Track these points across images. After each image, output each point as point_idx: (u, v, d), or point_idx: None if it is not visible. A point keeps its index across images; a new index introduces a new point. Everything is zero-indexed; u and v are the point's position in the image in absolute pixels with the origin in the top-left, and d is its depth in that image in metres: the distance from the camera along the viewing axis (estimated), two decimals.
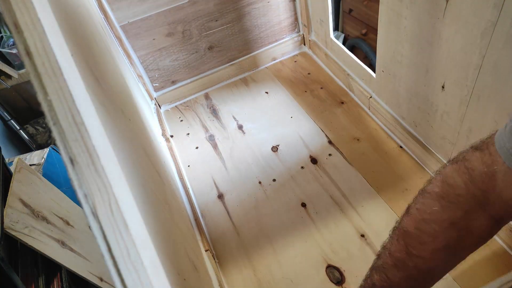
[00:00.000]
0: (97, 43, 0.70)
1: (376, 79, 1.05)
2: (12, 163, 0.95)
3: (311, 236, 0.90)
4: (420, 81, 0.84)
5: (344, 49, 1.19)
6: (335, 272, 0.83)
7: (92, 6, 0.93)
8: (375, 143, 1.06)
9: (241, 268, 0.88)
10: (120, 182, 0.29)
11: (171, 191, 0.83)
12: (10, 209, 0.82)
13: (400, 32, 0.83)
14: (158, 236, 0.40)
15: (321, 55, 1.34)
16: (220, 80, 1.38)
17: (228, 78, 1.39)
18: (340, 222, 0.91)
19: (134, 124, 0.71)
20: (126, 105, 0.71)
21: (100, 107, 0.39)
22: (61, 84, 0.26)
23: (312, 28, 1.35)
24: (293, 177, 1.03)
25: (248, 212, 0.98)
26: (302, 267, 0.85)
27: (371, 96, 1.10)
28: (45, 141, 1.71)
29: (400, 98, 0.96)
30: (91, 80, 0.43)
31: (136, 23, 1.13)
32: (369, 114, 1.14)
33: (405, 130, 0.99)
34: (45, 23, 0.28)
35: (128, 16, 1.10)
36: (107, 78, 0.61)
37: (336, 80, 1.28)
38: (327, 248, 0.87)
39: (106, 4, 1.05)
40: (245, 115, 1.25)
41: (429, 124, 0.88)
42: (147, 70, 1.24)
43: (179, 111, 1.33)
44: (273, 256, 0.88)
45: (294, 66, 1.39)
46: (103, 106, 0.42)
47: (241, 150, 1.14)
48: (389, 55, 0.91)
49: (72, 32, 0.46)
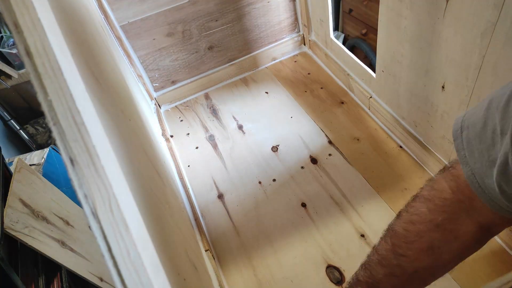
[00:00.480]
0: (97, 43, 0.70)
1: (376, 79, 1.05)
2: (12, 163, 0.95)
3: (311, 236, 0.90)
4: (420, 81, 0.84)
5: (344, 49, 1.19)
6: (335, 272, 0.83)
7: (92, 6, 0.94)
8: (375, 143, 1.06)
9: (241, 268, 0.88)
10: (120, 183, 0.29)
11: (171, 191, 0.83)
12: (10, 209, 0.82)
13: (400, 32, 0.83)
14: (158, 236, 0.40)
15: (321, 55, 1.34)
16: (220, 80, 1.38)
17: (228, 78, 1.39)
18: (340, 222, 0.91)
19: (134, 124, 0.71)
20: (126, 105, 0.71)
21: (100, 107, 0.39)
22: (61, 84, 0.26)
23: (312, 28, 1.35)
24: (293, 177, 1.03)
25: (248, 212, 0.98)
26: (302, 267, 0.85)
27: (371, 96, 1.10)
28: (45, 141, 1.71)
29: (400, 98, 0.96)
30: (91, 80, 0.43)
31: (136, 23, 1.13)
32: (369, 114, 1.14)
33: (405, 130, 0.99)
34: (45, 23, 0.28)
35: (128, 16, 1.10)
36: (107, 78, 0.61)
37: (336, 80, 1.28)
38: (327, 248, 0.87)
39: (106, 4, 1.05)
40: (245, 115, 1.25)
41: (429, 124, 0.88)
42: (147, 70, 1.24)
43: (179, 111, 1.33)
44: (273, 256, 0.88)
45: (294, 66, 1.39)
46: (103, 106, 0.42)
47: (241, 150, 1.14)
48: (389, 55, 0.91)
49: (72, 31, 0.46)
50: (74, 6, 0.62)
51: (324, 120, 1.15)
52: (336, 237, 0.88)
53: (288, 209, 0.96)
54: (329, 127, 1.13)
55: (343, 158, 1.04)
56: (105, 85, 0.55)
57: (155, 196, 0.54)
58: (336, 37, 1.46)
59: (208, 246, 0.90)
